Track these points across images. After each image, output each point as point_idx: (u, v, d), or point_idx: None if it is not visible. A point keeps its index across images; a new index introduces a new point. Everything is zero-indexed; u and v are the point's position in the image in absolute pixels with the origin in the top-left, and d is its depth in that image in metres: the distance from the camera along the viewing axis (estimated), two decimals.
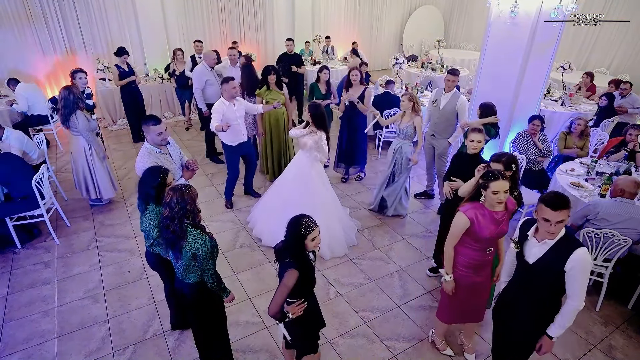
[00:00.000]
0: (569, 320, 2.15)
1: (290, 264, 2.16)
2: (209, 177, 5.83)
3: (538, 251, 2.12)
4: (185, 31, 9.24)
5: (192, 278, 2.42)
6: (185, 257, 2.32)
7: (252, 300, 3.56)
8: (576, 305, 2.09)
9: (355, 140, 5.45)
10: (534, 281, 2.19)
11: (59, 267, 3.94)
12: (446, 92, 4.73)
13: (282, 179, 4.24)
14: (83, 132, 4.38)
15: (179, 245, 2.29)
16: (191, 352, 3.05)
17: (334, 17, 11.78)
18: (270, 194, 4.39)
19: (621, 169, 4.31)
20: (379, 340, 3.22)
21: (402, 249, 4.35)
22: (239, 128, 4.52)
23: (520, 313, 2.30)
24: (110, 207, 4.98)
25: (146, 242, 2.73)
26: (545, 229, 2.03)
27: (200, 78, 5.69)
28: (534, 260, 2.14)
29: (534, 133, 4.74)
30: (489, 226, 2.44)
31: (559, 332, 2.20)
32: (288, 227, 2.20)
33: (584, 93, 7.41)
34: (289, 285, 2.14)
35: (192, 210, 2.27)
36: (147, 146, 3.15)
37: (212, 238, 2.38)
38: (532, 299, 2.23)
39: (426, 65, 9.39)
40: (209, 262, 2.34)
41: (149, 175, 2.57)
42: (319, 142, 3.90)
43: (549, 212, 1.97)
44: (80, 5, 7.86)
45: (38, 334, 3.19)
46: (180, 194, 2.24)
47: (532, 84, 5.11)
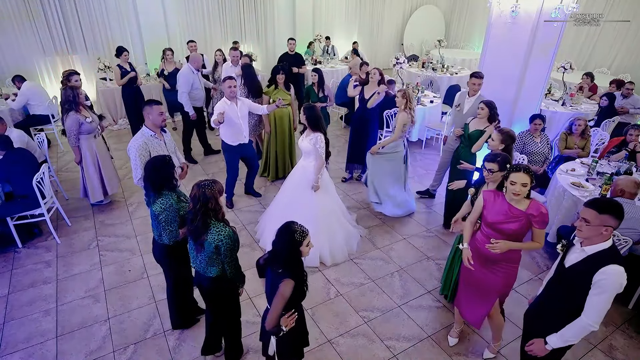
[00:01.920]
0: (573, 335, 2.06)
1: (285, 274, 2.07)
2: (209, 177, 5.84)
3: (575, 257, 2.08)
4: (186, 31, 9.24)
5: (213, 272, 2.46)
6: (207, 250, 2.35)
7: (253, 300, 3.56)
8: (589, 323, 1.98)
9: (367, 140, 5.37)
10: (564, 286, 2.14)
11: (59, 267, 3.95)
12: (470, 96, 4.62)
13: (284, 187, 4.21)
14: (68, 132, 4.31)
15: (201, 240, 2.34)
16: (192, 352, 3.06)
17: (335, 17, 11.78)
18: (274, 204, 4.37)
19: (622, 169, 4.31)
20: (379, 340, 3.22)
21: (403, 248, 4.36)
22: (240, 129, 4.51)
23: (547, 317, 2.24)
24: (111, 207, 4.99)
25: (154, 232, 2.78)
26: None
27: (187, 80, 5.56)
28: (569, 265, 2.11)
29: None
30: (496, 213, 2.50)
31: (557, 343, 2.11)
32: (280, 237, 2.10)
33: (586, 93, 7.41)
34: (286, 296, 2.04)
35: (213, 209, 2.30)
36: (143, 130, 3.37)
37: (235, 232, 2.43)
38: (562, 305, 2.17)
39: (427, 65, 9.39)
40: (232, 254, 2.37)
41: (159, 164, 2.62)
42: (317, 144, 3.81)
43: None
44: (81, 5, 7.87)
45: (39, 333, 3.20)
46: (203, 191, 2.27)
47: (533, 83, 5.10)
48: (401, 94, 4.43)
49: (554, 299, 2.22)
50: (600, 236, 1.98)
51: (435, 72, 9.12)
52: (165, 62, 6.74)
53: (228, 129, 4.48)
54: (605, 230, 1.96)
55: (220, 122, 4.15)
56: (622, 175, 4.01)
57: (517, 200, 2.43)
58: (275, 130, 5.24)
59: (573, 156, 5.02)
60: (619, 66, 9.93)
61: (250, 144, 4.89)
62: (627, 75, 8.92)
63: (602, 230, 1.96)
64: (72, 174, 5.73)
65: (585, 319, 1.99)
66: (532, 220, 2.43)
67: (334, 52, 10.51)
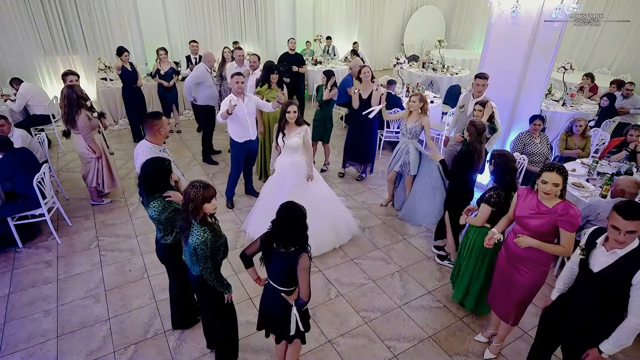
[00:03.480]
0: (625, 338, 2.02)
1: (300, 250, 2.22)
2: (209, 177, 5.84)
3: (605, 260, 2.05)
4: (186, 31, 9.25)
5: (196, 270, 2.47)
6: (189, 247, 2.37)
7: (253, 300, 3.56)
8: (637, 323, 1.96)
9: (367, 138, 5.41)
10: (598, 291, 2.10)
11: (60, 267, 3.95)
12: (474, 97, 4.60)
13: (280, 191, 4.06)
14: (82, 130, 4.40)
15: (186, 234, 2.37)
16: (192, 352, 3.06)
17: (335, 17, 11.78)
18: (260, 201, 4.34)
19: (622, 169, 4.31)
20: (379, 340, 3.22)
21: (403, 249, 4.35)
22: (247, 125, 4.52)
23: (575, 319, 2.22)
24: (111, 207, 4.99)
25: (157, 233, 2.78)
26: (614, 236, 1.99)
27: (199, 76, 5.74)
28: (599, 269, 2.07)
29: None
30: (524, 208, 2.54)
31: (611, 349, 2.07)
32: (287, 216, 2.20)
33: (586, 93, 7.41)
34: (308, 267, 2.20)
35: (191, 210, 2.28)
36: (147, 144, 3.20)
37: (221, 237, 2.42)
38: (590, 309, 2.15)
39: (427, 65, 9.40)
40: (207, 261, 2.35)
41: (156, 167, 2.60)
42: (307, 136, 3.94)
43: (620, 220, 1.92)
44: (81, 6, 7.88)
45: (39, 333, 3.20)
46: (189, 191, 2.28)
47: (533, 84, 5.10)
48: (418, 97, 4.40)
49: (586, 305, 2.18)
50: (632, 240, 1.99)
51: (435, 72, 9.12)
52: (160, 61, 6.73)
53: (235, 125, 4.50)
54: None
55: (230, 114, 4.17)
56: (622, 175, 4.01)
57: (547, 198, 2.44)
58: (269, 131, 5.23)
59: (573, 157, 5.02)
60: (620, 66, 9.94)
61: (257, 140, 4.89)
62: (628, 75, 8.92)
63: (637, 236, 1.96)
64: (72, 174, 5.73)
65: (634, 319, 1.97)
66: (557, 219, 2.40)
67: (334, 52, 10.51)
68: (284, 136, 3.93)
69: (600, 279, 2.07)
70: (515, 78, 5.04)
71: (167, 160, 2.68)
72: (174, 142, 6.91)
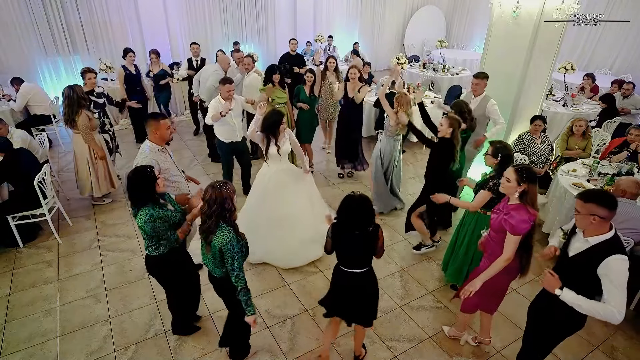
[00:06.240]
0: (595, 311, 2.02)
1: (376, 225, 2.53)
2: (210, 177, 5.84)
3: (580, 246, 2.14)
4: (187, 32, 9.26)
5: (218, 273, 2.50)
6: (213, 252, 2.38)
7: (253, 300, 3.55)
8: (614, 312, 1.99)
9: (354, 136, 5.54)
10: (568, 274, 2.17)
11: (61, 267, 3.95)
12: (475, 97, 4.64)
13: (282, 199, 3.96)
14: (82, 130, 4.41)
15: (209, 239, 2.37)
16: (192, 352, 3.06)
17: (336, 17, 11.78)
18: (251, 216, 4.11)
19: (623, 169, 4.30)
20: (380, 341, 3.22)
21: (403, 249, 4.35)
22: (234, 127, 4.60)
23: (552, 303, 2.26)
24: (112, 207, 4.99)
25: (145, 243, 2.69)
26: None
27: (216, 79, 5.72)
28: (573, 254, 2.16)
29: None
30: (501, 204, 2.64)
31: (568, 297, 2.08)
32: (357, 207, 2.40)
33: (587, 94, 7.40)
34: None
35: (229, 209, 2.31)
36: (149, 144, 3.18)
37: (243, 238, 2.44)
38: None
39: (428, 65, 9.39)
40: (234, 261, 2.34)
41: (139, 178, 2.50)
42: (292, 136, 3.95)
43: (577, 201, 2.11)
44: (82, 6, 7.89)
45: (40, 333, 3.20)
46: (219, 192, 2.28)
47: (534, 84, 5.10)
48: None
49: None
50: (592, 225, 2.03)
51: (436, 72, 9.11)
52: (152, 63, 6.73)
53: (222, 127, 4.57)
54: (594, 220, 2.01)
55: (223, 116, 4.23)
56: (623, 176, 4.00)
57: (510, 197, 2.52)
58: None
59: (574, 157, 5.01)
60: (620, 67, 9.92)
61: (244, 141, 4.91)
62: (629, 75, 8.90)
63: (590, 219, 2.01)
64: (73, 174, 5.71)
65: (616, 310, 1.99)
66: (503, 217, 2.46)
67: (335, 52, 10.49)
68: (279, 149, 3.77)
69: (572, 264, 2.16)
70: (515, 78, 5.04)
71: (149, 167, 2.56)
72: (174, 142, 6.89)
